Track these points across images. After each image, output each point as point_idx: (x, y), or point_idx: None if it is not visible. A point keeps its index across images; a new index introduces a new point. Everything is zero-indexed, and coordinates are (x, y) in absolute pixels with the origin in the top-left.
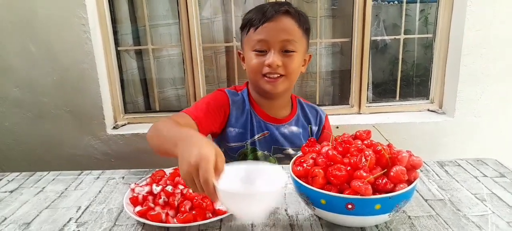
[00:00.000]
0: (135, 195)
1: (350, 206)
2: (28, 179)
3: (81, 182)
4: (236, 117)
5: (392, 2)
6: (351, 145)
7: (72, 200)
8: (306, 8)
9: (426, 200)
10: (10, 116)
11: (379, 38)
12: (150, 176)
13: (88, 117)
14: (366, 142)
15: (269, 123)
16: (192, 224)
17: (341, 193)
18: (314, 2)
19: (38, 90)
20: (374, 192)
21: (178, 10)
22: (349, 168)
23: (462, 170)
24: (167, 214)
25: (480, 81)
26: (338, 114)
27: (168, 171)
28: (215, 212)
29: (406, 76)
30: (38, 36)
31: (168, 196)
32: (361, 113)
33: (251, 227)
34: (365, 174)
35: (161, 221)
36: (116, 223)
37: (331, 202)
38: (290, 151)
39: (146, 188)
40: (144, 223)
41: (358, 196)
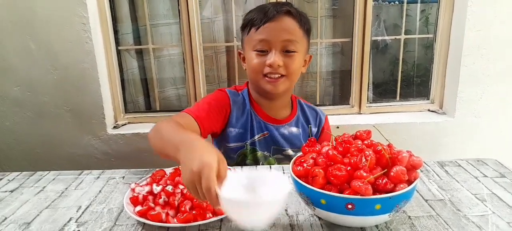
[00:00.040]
0: (135, 194)
1: (350, 206)
2: (28, 178)
3: (81, 182)
4: (236, 117)
5: (392, 2)
6: (351, 145)
7: (72, 199)
8: (306, 8)
9: (426, 200)
10: (11, 115)
11: (380, 38)
12: (150, 175)
13: (88, 116)
14: (366, 142)
15: (269, 123)
16: (192, 224)
17: (341, 193)
18: (315, 2)
19: (38, 89)
20: (374, 192)
21: (179, 10)
22: (349, 168)
23: (462, 170)
24: (167, 214)
25: (480, 81)
26: (339, 115)
27: (168, 170)
28: (215, 212)
29: (407, 76)
30: (38, 35)
31: (168, 195)
32: (361, 113)
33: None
34: (365, 174)
35: (161, 221)
36: (116, 223)
37: (331, 202)
38: (289, 151)
39: (146, 188)
40: (144, 223)
41: (358, 196)
